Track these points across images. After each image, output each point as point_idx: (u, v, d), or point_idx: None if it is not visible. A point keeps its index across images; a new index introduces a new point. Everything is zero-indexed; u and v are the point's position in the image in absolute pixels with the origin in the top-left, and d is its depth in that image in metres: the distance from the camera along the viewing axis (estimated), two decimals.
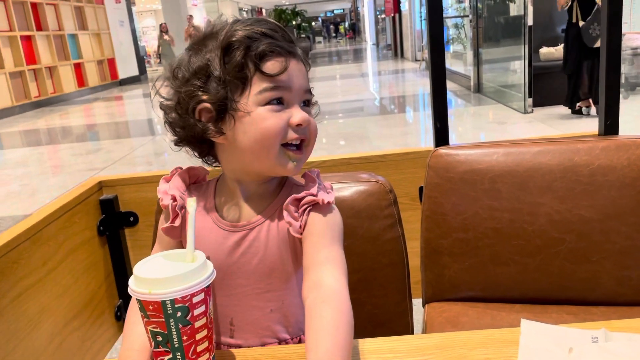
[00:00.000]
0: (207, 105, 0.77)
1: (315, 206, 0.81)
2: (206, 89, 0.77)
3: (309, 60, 0.87)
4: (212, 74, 0.77)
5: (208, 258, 0.69)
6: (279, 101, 0.78)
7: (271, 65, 0.77)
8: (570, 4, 5.29)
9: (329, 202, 0.81)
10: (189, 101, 0.78)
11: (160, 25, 13.51)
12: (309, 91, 0.82)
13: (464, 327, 1.16)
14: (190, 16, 13.45)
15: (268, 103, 0.77)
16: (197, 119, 0.79)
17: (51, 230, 1.22)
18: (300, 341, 0.85)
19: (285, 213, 0.80)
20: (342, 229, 0.83)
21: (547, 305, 1.21)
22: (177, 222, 0.83)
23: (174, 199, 0.83)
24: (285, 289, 0.83)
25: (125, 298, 1.51)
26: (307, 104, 0.83)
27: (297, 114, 0.78)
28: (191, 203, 0.70)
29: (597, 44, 4.94)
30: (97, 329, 1.39)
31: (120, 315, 1.50)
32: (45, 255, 1.19)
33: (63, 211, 1.28)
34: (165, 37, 12.85)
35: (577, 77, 5.37)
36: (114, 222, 1.46)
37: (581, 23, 5.17)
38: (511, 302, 1.23)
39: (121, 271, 1.50)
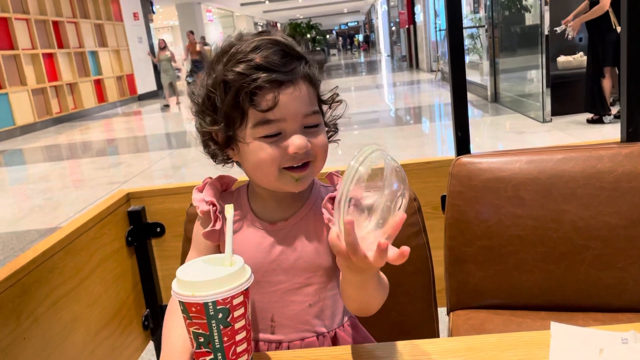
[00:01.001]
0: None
1: None
2: (213, 118, 0.84)
3: (322, 73, 0.89)
4: (216, 104, 0.83)
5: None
6: (277, 132, 0.80)
7: (262, 101, 0.79)
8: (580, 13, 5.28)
9: None
10: (202, 126, 0.86)
11: (159, 41, 12.97)
12: (312, 113, 0.82)
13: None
14: (191, 32, 13.24)
15: (263, 135, 0.80)
16: (213, 141, 0.87)
17: (83, 241, 1.26)
18: (335, 335, 0.89)
19: (324, 210, 0.85)
20: None
21: (573, 312, 1.20)
22: (218, 226, 0.87)
23: (213, 204, 0.89)
24: (322, 283, 0.88)
25: (153, 308, 1.54)
26: (312, 125, 0.83)
27: (293, 143, 0.79)
28: (229, 210, 0.73)
29: None
30: (126, 338, 1.42)
31: (147, 325, 1.52)
32: (78, 265, 1.22)
33: (94, 222, 1.31)
34: (167, 52, 12.38)
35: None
36: (142, 233, 1.49)
37: (619, 28, 5.13)
38: (536, 309, 1.23)
39: (148, 281, 1.53)
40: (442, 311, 1.32)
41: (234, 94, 0.79)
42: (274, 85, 0.78)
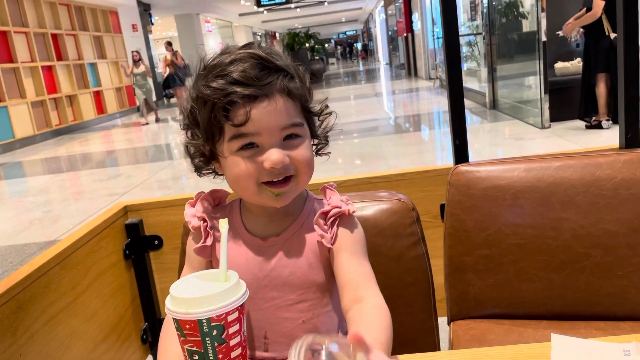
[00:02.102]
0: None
1: (342, 217, 0.87)
2: (196, 132, 0.85)
3: (322, 82, 0.88)
4: (197, 119, 0.84)
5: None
6: (252, 145, 0.80)
7: (236, 115, 0.78)
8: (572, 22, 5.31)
9: (353, 212, 0.87)
10: (188, 140, 0.87)
11: (132, 53, 11.62)
12: (291, 126, 0.81)
13: (491, 345, 1.15)
14: (168, 43, 12.18)
15: (240, 149, 0.80)
16: (201, 153, 0.87)
17: (79, 255, 1.25)
18: None
19: (316, 227, 0.85)
20: (365, 242, 0.90)
21: (574, 321, 1.19)
22: (209, 242, 0.87)
23: (204, 219, 0.88)
24: (315, 299, 0.86)
25: (151, 321, 1.53)
26: (293, 136, 0.82)
27: (269, 158, 0.79)
28: (223, 224, 0.72)
29: None
30: (124, 352, 1.40)
31: (146, 339, 1.51)
32: (75, 280, 1.21)
33: (91, 236, 1.30)
34: (141, 66, 11.26)
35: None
36: (140, 246, 1.48)
37: (613, 35, 5.15)
38: (538, 318, 1.21)
39: (147, 294, 1.52)
40: (443, 321, 1.31)
41: (209, 108, 0.80)
42: (247, 99, 0.78)
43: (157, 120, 11.57)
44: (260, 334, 0.86)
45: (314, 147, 0.90)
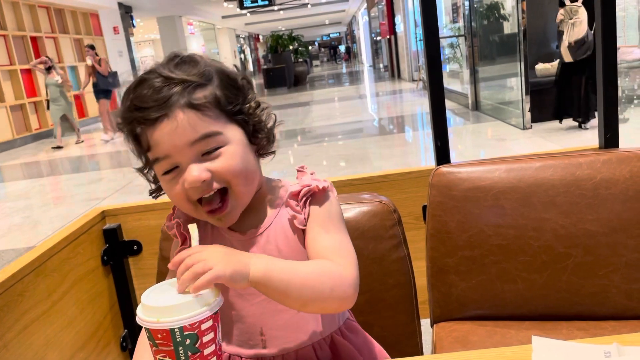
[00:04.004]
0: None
1: (314, 196, 0.84)
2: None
3: (305, 84, 0.85)
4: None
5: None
6: (175, 166, 0.78)
7: (142, 142, 0.78)
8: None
9: (324, 188, 0.84)
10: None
11: (44, 60, 9.34)
12: (202, 138, 0.76)
13: (474, 347, 1.15)
14: (90, 47, 9.73)
15: (164, 173, 0.79)
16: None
17: (55, 262, 1.22)
18: (332, 341, 0.86)
19: (287, 209, 0.83)
20: (342, 216, 0.86)
21: (556, 321, 1.19)
22: (188, 244, 0.84)
23: (178, 223, 0.87)
24: None
25: (131, 328, 1.50)
26: (211, 151, 0.77)
27: (186, 178, 0.76)
28: (193, 228, 0.71)
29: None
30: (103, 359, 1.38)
31: (125, 346, 1.48)
32: (50, 287, 1.18)
33: (67, 242, 1.27)
34: (55, 76, 9.04)
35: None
36: (118, 252, 1.46)
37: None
38: (520, 319, 1.21)
39: (126, 301, 1.49)
40: (426, 322, 1.31)
41: (126, 136, 0.80)
42: (147, 123, 0.76)
43: (78, 142, 9.65)
44: (256, 330, 0.84)
45: (256, 149, 0.85)
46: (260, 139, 0.84)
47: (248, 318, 0.84)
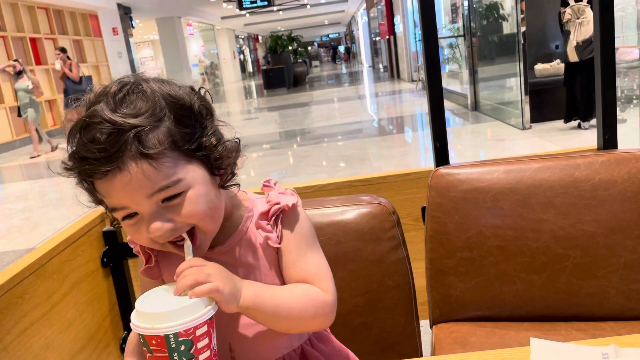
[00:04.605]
0: None
1: (284, 213, 0.82)
2: None
3: (305, 84, 0.83)
4: None
5: None
6: (128, 214, 0.72)
7: (96, 191, 0.72)
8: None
9: (293, 205, 0.82)
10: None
11: (13, 63, 8.58)
12: (161, 189, 0.70)
13: (473, 348, 1.15)
14: (61, 49, 8.94)
15: (124, 218, 0.73)
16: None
17: (55, 264, 1.22)
18: (303, 351, 0.85)
19: (259, 230, 0.81)
20: (313, 231, 0.85)
21: (555, 322, 1.20)
22: (153, 262, 0.83)
23: None
24: None
25: (130, 330, 1.50)
26: (173, 197, 0.71)
27: (150, 231, 0.71)
28: (185, 235, 0.71)
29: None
30: None
31: (125, 348, 1.48)
32: (50, 289, 1.18)
33: (67, 244, 1.27)
34: (26, 81, 8.38)
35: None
36: (118, 253, 1.46)
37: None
38: (519, 320, 1.22)
39: (126, 302, 1.49)
40: (425, 323, 1.31)
41: (78, 182, 0.74)
42: (96, 177, 0.70)
43: (54, 148, 9.05)
44: (225, 346, 0.82)
45: (218, 180, 0.79)
46: (222, 173, 0.78)
47: (217, 333, 0.82)
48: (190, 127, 0.73)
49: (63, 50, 8.94)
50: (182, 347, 0.62)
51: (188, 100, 0.74)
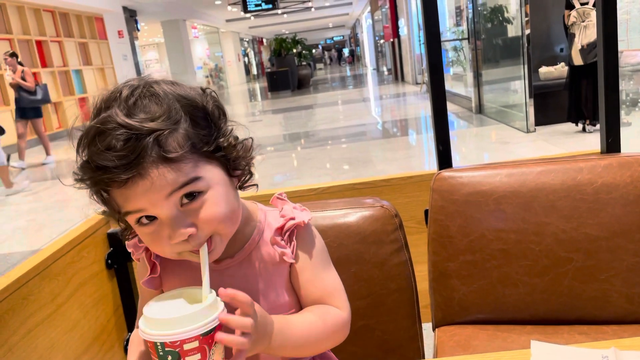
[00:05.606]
0: None
1: (298, 229, 0.81)
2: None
3: (309, 87, 0.82)
4: None
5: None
6: (150, 217, 0.69)
7: (113, 198, 0.69)
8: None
9: (309, 221, 0.82)
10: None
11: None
12: (181, 187, 0.68)
13: (475, 351, 1.15)
14: (11, 54, 7.87)
15: (139, 223, 0.70)
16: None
17: (60, 265, 1.23)
18: None
19: (274, 246, 0.80)
20: (325, 246, 0.86)
21: (558, 325, 1.20)
22: (158, 272, 0.81)
23: (147, 249, 0.81)
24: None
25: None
26: (191, 196, 0.69)
27: (170, 236, 0.69)
28: (203, 251, 0.70)
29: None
30: None
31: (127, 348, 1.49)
32: (55, 291, 1.19)
33: (71, 246, 1.28)
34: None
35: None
36: (122, 255, 1.47)
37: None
38: (522, 323, 1.22)
39: (130, 304, 1.50)
40: (428, 326, 1.31)
41: (91, 195, 0.71)
42: (115, 185, 0.67)
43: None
44: None
45: (236, 182, 0.78)
46: (240, 174, 0.77)
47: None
48: (206, 128, 0.71)
49: (13, 55, 7.93)
50: (169, 358, 0.60)
51: (201, 101, 0.72)
